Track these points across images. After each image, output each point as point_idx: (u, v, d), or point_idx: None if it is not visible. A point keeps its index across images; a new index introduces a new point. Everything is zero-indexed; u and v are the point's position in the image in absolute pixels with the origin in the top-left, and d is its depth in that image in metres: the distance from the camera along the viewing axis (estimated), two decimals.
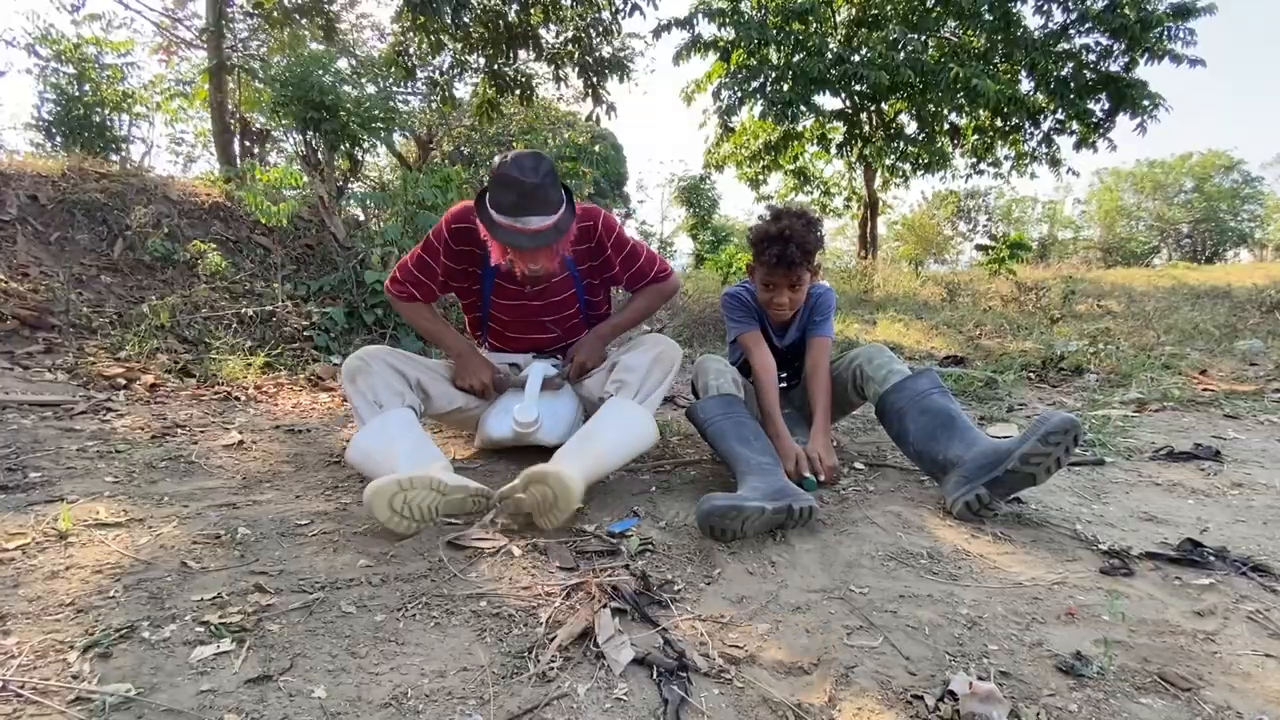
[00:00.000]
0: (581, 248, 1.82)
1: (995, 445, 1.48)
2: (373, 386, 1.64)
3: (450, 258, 1.81)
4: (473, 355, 1.86)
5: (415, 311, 1.91)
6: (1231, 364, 3.88)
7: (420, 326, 1.94)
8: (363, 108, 5.34)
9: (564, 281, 1.88)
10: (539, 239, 1.60)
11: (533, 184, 1.56)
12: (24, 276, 3.38)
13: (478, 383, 1.83)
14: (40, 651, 0.91)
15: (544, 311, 1.91)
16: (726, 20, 9.31)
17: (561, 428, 1.78)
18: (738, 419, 1.65)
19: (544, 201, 1.59)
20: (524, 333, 1.97)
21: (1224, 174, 26.37)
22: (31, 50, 6.80)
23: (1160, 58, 8.55)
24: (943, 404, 1.62)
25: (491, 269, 1.80)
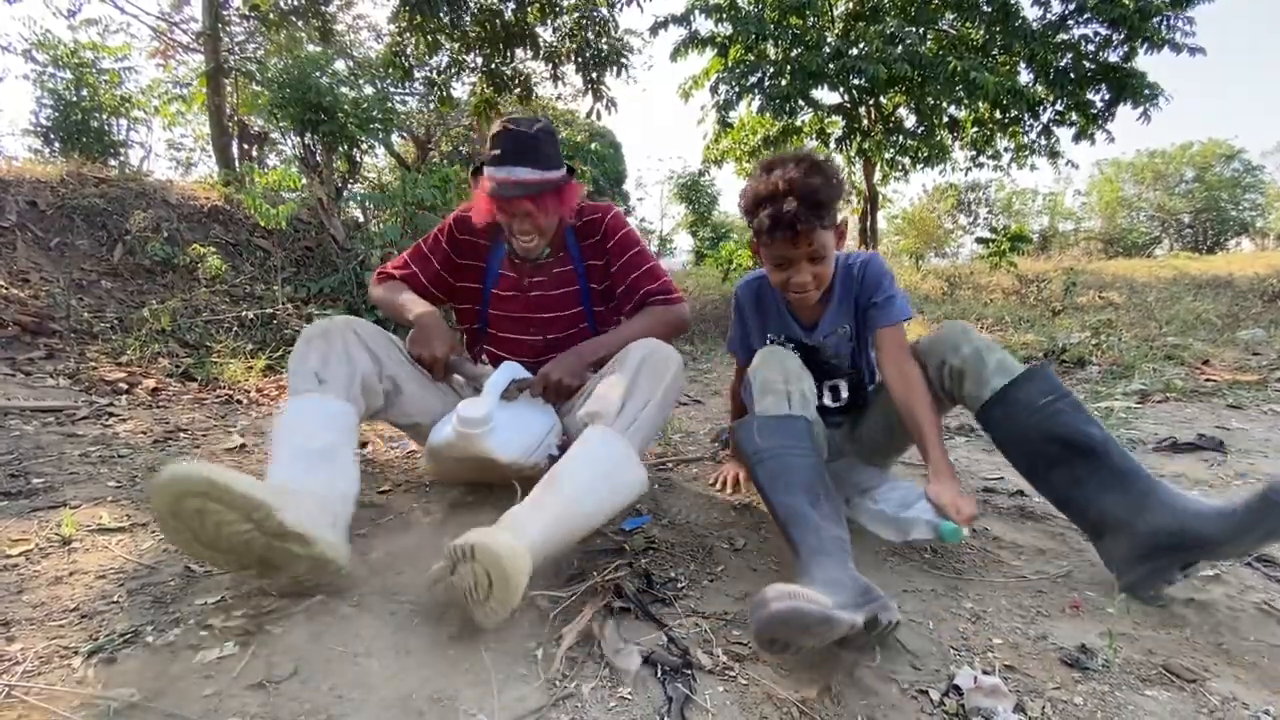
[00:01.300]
0: (587, 242, 1.62)
1: (1185, 511, 1.06)
2: (324, 356, 1.29)
3: (452, 246, 1.63)
4: (437, 324, 1.51)
5: (386, 288, 1.64)
6: (1234, 354, 3.87)
7: (386, 300, 1.62)
8: (360, 109, 5.34)
9: (567, 274, 1.62)
10: (526, 188, 1.43)
11: (526, 134, 1.44)
12: (24, 282, 3.39)
13: (428, 353, 1.45)
14: (45, 657, 0.91)
15: (543, 309, 1.62)
16: (723, 16, 9.28)
17: (525, 442, 1.36)
18: (801, 457, 1.17)
19: (536, 153, 1.44)
20: (520, 344, 1.67)
21: (1224, 163, 26.28)
22: (29, 56, 6.80)
23: (1160, 47, 8.51)
24: (1075, 425, 1.17)
25: (496, 263, 1.62)
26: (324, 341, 1.31)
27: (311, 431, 1.19)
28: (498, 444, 1.31)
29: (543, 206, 1.47)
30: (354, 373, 1.32)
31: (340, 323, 1.36)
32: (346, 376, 1.30)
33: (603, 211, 1.62)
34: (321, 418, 1.22)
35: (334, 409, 1.25)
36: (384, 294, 1.63)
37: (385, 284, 1.65)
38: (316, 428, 1.20)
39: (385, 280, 1.66)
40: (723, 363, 4.25)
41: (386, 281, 1.66)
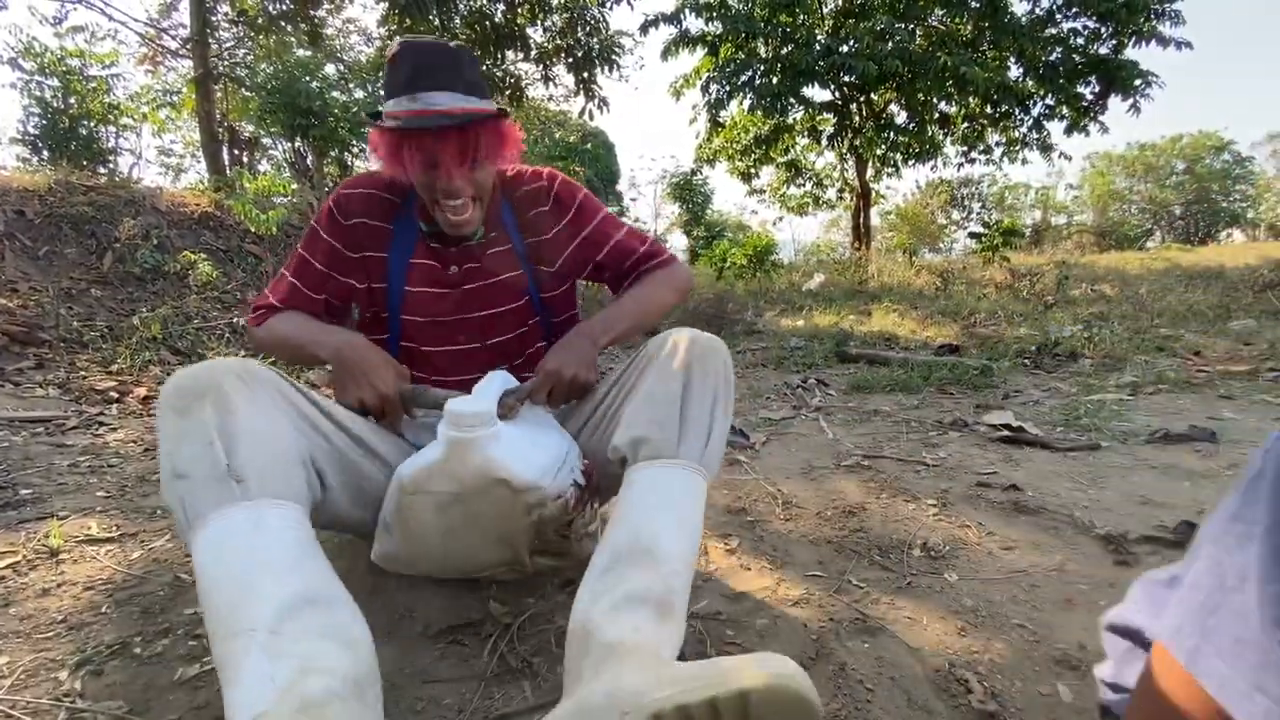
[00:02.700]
0: (532, 213, 1.15)
1: None
2: (223, 429, 0.78)
3: (336, 235, 1.11)
4: (367, 351, 1.02)
5: (272, 327, 1.11)
6: (1226, 344, 3.89)
7: (281, 343, 1.10)
8: (351, 112, 5.33)
9: (506, 256, 1.14)
10: (451, 119, 0.96)
11: (439, 48, 1.01)
12: (13, 292, 3.36)
13: (372, 394, 0.97)
14: (31, 670, 0.90)
15: (479, 304, 1.13)
16: (714, 14, 9.30)
17: (542, 460, 0.92)
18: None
19: (457, 74, 0.99)
20: (452, 359, 1.15)
21: (1214, 155, 26.43)
22: (15, 64, 6.76)
23: (1147, 40, 8.57)
24: None
25: (404, 251, 1.12)
26: (215, 406, 0.78)
27: (290, 562, 0.73)
28: (509, 456, 0.87)
29: (478, 148, 0.99)
30: (281, 449, 0.82)
31: (223, 368, 0.82)
32: (270, 456, 0.79)
33: (547, 176, 1.18)
34: (290, 540, 0.75)
35: (278, 521, 0.76)
36: (274, 335, 1.10)
37: (269, 321, 1.11)
38: (287, 552, 0.74)
39: (267, 316, 1.12)
40: None
41: (270, 318, 1.12)
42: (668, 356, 0.95)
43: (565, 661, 0.75)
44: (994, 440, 2.10)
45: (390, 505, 0.92)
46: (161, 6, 9.23)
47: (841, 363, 3.94)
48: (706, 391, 0.92)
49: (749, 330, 5.37)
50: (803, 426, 2.41)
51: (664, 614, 0.73)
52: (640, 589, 0.75)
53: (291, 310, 1.13)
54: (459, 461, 0.85)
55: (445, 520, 0.89)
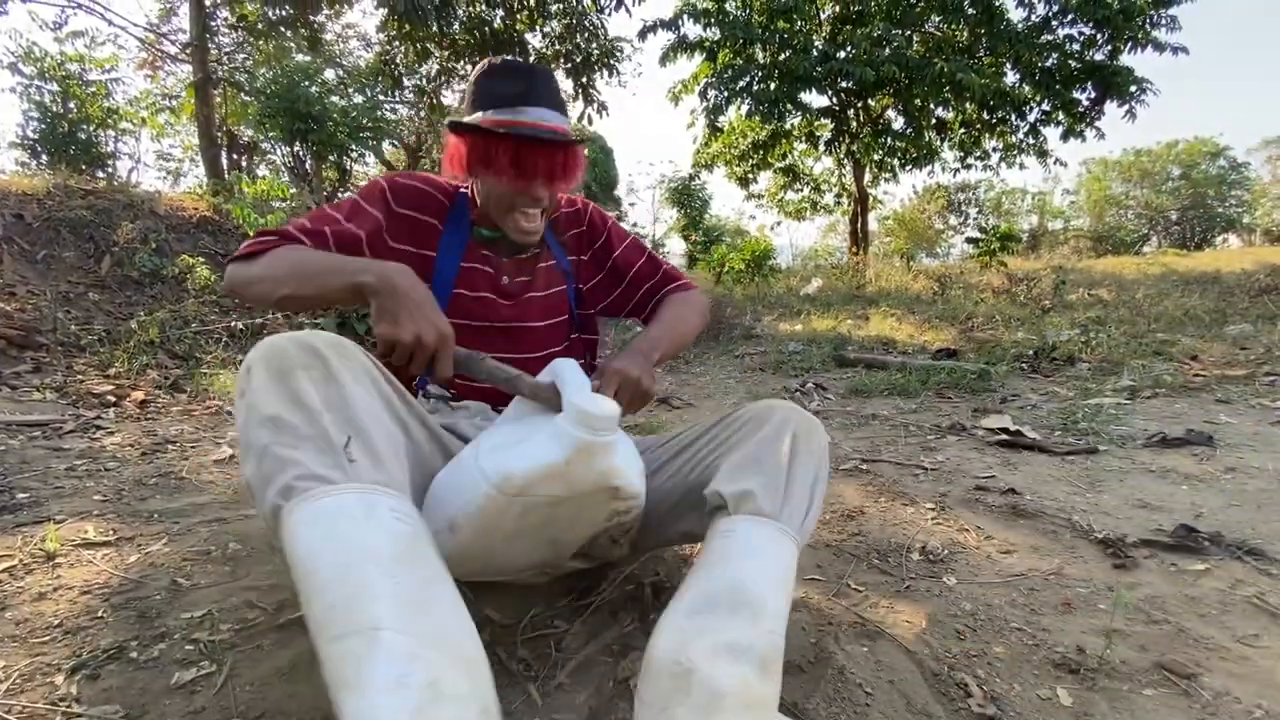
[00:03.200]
0: (571, 233, 1.20)
1: None
2: (330, 401, 0.72)
3: (386, 218, 1.04)
4: (415, 285, 0.84)
5: (285, 252, 0.93)
6: (1222, 349, 3.90)
7: (300, 268, 0.90)
8: (350, 117, 5.35)
9: (553, 272, 1.17)
10: (558, 136, 0.99)
11: (541, 70, 1.03)
12: (11, 296, 3.36)
13: (433, 330, 0.81)
14: (27, 675, 0.89)
15: (530, 316, 1.13)
16: (712, 20, 9.35)
17: (639, 468, 0.89)
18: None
19: (556, 96, 1.03)
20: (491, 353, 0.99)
21: (1210, 160, 26.56)
22: (15, 69, 6.77)
23: (1143, 46, 8.62)
24: None
25: (454, 253, 1.08)
26: (322, 375, 0.73)
27: (408, 562, 0.66)
28: (625, 462, 0.83)
29: (568, 167, 1.02)
30: (385, 433, 0.76)
31: (320, 339, 0.76)
32: (381, 439, 0.74)
33: (581, 203, 1.24)
34: (388, 538, 0.66)
35: (391, 511, 0.69)
36: (284, 261, 0.91)
37: (277, 250, 0.93)
38: (403, 553, 0.66)
39: (273, 246, 0.94)
40: (716, 365, 4.26)
41: (278, 247, 0.94)
42: (775, 425, 0.93)
43: (646, 686, 0.73)
44: (992, 444, 2.11)
45: (469, 505, 0.80)
46: (161, 11, 9.26)
47: (839, 367, 3.95)
48: (810, 467, 0.91)
49: (747, 335, 5.37)
50: None
51: (767, 672, 0.72)
52: (744, 641, 0.72)
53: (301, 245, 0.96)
54: (584, 466, 0.78)
55: (523, 523, 0.82)
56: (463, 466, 0.83)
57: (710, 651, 0.71)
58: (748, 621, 0.74)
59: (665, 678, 0.71)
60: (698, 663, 0.70)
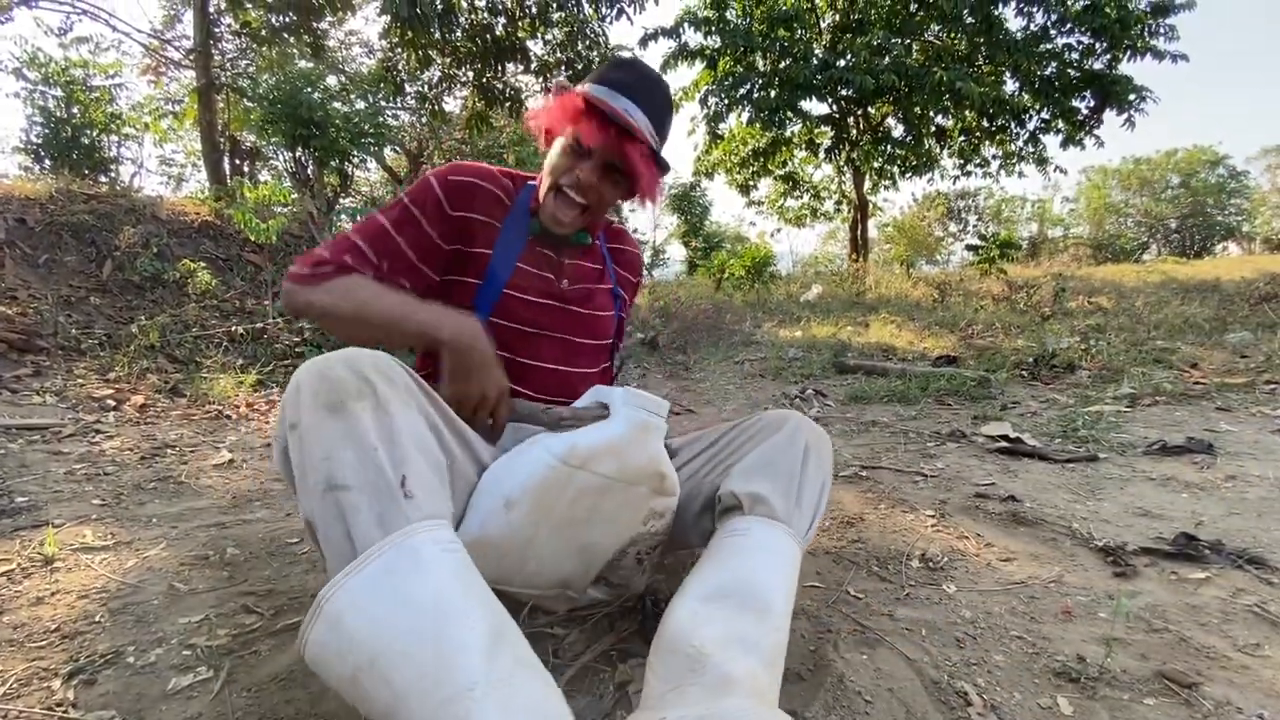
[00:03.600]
0: (623, 264, 1.21)
1: None
2: (388, 434, 0.71)
3: (437, 226, 0.99)
4: (482, 341, 0.87)
5: (352, 287, 0.91)
6: (1222, 356, 3.90)
7: (366, 310, 0.89)
8: (352, 123, 5.37)
9: (607, 294, 1.14)
10: (635, 135, 0.95)
11: (657, 79, 1.03)
12: (12, 299, 3.36)
13: (490, 388, 0.86)
14: (24, 679, 0.89)
15: (581, 328, 1.08)
16: (712, 28, 9.40)
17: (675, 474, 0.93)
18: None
19: (661, 111, 1.02)
20: (526, 373, 1.03)
21: (1209, 169, 26.64)
22: (19, 74, 6.81)
23: (1142, 54, 8.66)
24: None
25: (512, 249, 1.03)
26: (374, 406, 0.72)
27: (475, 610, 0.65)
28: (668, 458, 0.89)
29: (634, 173, 0.98)
30: (434, 460, 0.75)
31: (367, 362, 0.75)
32: (430, 468, 0.73)
33: (638, 246, 1.26)
34: (453, 582, 0.66)
35: (448, 548, 0.69)
36: (351, 300, 0.90)
37: (340, 281, 0.92)
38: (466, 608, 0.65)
39: (332, 276, 0.92)
40: (716, 371, 4.26)
41: (339, 278, 0.92)
42: (789, 433, 0.96)
43: (659, 660, 0.76)
44: (992, 451, 2.10)
45: (530, 478, 0.82)
46: (165, 18, 9.32)
47: (839, 373, 3.95)
48: (819, 477, 0.95)
49: (747, 341, 5.38)
50: None
51: (772, 669, 0.76)
52: (753, 636, 0.76)
53: (359, 276, 0.93)
54: (639, 445, 0.83)
55: (572, 511, 0.85)
56: (523, 449, 0.86)
57: (722, 640, 0.74)
58: (756, 618, 0.78)
59: (679, 656, 0.75)
60: (710, 649, 0.73)
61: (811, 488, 0.93)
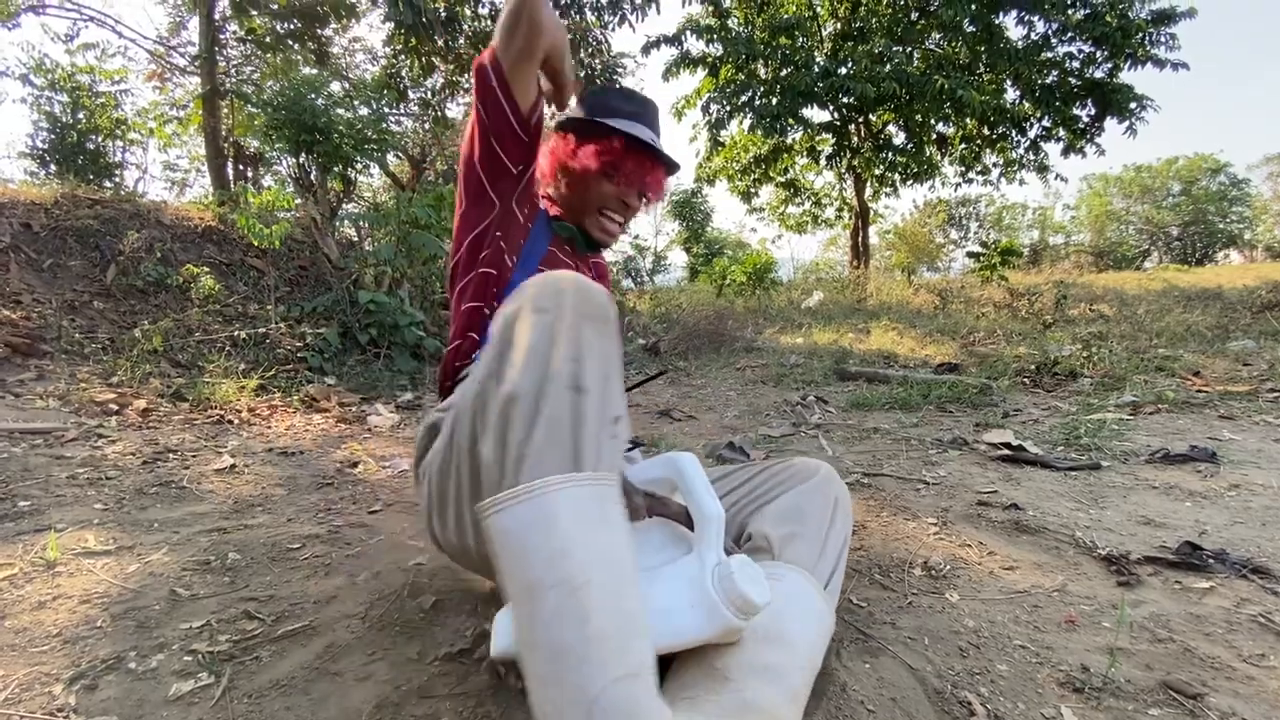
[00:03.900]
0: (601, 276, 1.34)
1: None
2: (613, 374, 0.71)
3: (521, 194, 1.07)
4: None
5: None
6: (1225, 364, 3.90)
7: None
8: (355, 129, 5.39)
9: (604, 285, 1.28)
10: (671, 161, 1.11)
11: (654, 102, 1.14)
12: (16, 304, 3.37)
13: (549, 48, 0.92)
14: (26, 684, 0.89)
15: None
16: (714, 37, 9.45)
17: None
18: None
19: (658, 121, 1.15)
20: None
21: (1210, 177, 26.68)
22: (26, 80, 6.85)
23: (1143, 63, 8.69)
24: None
25: (542, 238, 1.11)
26: (610, 334, 0.72)
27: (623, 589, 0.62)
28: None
29: (661, 192, 1.15)
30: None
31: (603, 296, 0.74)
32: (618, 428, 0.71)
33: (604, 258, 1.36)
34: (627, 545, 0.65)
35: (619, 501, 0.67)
36: None
37: None
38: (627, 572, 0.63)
39: None
40: (717, 378, 4.25)
41: None
42: (818, 483, 0.98)
43: (679, 665, 0.77)
44: (994, 459, 2.10)
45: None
46: (171, 24, 9.38)
47: (841, 380, 3.95)
48: (843, 532, 0.97)
49: (748, 347, 5.38)
50: (802, 444, 2.40)
51: (794, 703, 0.75)
52: (777, 668, 0.75)
53: None
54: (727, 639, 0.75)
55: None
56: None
57: (745, 667, 0.73)
58: (783, 653, 0.76)
59: (700, 670, 0.74)
60: (732, 674, 0.72)
61: (836, 540, 0.94)
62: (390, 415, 2.92)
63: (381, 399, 3.30)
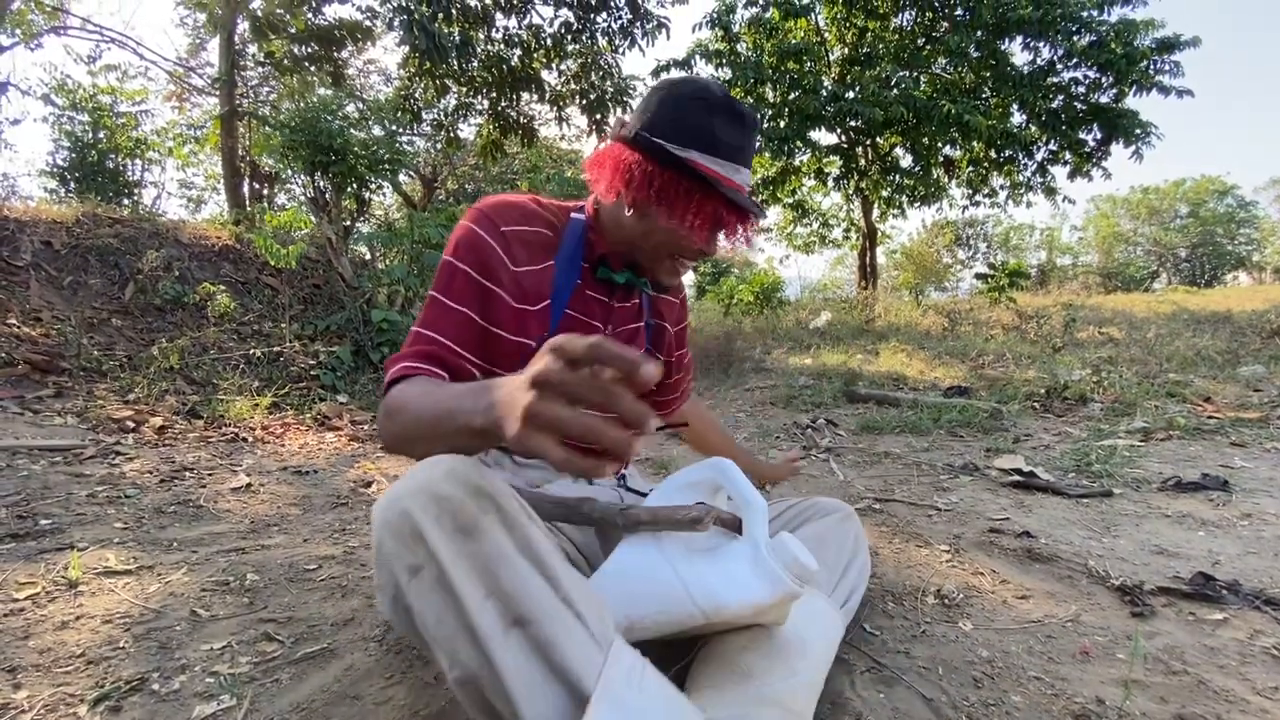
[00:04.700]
0: (665, 297, 1.13)
1: None
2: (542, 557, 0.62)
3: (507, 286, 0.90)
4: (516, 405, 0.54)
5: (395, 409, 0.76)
6: (1235, 390, 3.88)
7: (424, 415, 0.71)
8: (370, 150, 5.49)
9: (638, 324, 1.07)
10: (756, 207, 0.90)
11: (756, 121, 0.91)
12: (36, 321, 3.43)
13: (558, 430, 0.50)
14: (50, 705, 0.90)
15: None
16: (723, 61, 9.59)
17: None
18: None
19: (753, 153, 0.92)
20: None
21: (1218, 199, 26.69)
22: (48, 99, 7.02)
23: (1148, 89, 8.76)
24: None
25: (569, 281, 0.94)
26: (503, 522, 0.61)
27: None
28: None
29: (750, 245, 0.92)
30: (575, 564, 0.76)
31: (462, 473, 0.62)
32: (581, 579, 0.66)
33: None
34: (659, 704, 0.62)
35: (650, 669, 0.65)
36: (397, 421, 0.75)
37: (386, 401, 0.79)
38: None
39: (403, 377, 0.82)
40: (726, 399, 4.26)
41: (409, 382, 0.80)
42: (840, 519, 1.03)
43: (703, 664, 0.82)
44: (1005, 485, 2.10)
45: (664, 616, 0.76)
46: (191, 46, 9.61)
47: (850, 402, 3.95)
48: (861, 570, 1.02)
49: (757, 368, 5.39)
50: (813, 468, 2.41)
51: (810, 689, 0.82)
52: (794, 666, 0.80)
53: (423, 377, 0.82)
54: (780, 611, 0.78)
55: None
56: (657, 573, 0.77)
57: (766, 668, 0.80)
58: (801, 660, 0.82)
59: (723, 669, 0.80)
60: (755, 671, 0.79)
61: (854, 572, 1.00)
62: None
63: None
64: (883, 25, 9.92)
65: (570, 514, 0.82)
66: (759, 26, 9.90)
